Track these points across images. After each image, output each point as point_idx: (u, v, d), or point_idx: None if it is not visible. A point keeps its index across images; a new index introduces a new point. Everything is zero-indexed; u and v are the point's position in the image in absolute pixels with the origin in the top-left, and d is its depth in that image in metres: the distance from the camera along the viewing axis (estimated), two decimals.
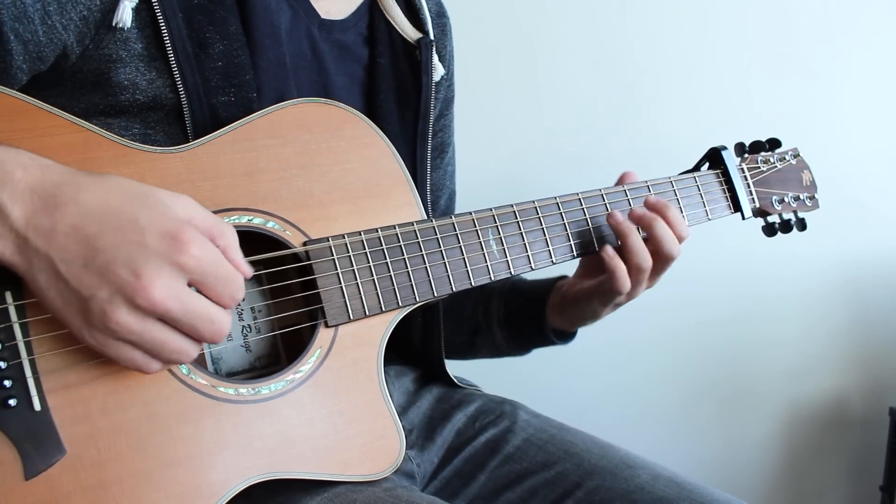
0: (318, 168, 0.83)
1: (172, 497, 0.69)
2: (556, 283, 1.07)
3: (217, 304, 0.65)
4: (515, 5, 1.65)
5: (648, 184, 1.03)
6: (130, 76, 0.79)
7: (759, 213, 1.14)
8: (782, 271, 1.89)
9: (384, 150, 0.88)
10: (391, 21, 1.00)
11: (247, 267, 0.68)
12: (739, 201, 1.09)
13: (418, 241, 0.86)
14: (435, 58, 1.02)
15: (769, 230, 1.15)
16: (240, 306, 0.83)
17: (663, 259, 0.94)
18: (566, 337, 1.08)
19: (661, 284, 1.05)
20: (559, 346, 1.09)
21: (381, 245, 0.84)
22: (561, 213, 0.96)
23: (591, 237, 0.97)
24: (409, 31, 1.00)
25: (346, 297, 0.81)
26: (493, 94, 1.65)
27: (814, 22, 1.81)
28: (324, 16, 0.95)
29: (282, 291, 0.84)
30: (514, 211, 0.92)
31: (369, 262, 0.83)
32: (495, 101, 1.65)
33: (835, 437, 2.05)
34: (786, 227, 1.14)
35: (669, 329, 1.84)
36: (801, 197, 1.16)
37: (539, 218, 0.94)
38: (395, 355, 1.07)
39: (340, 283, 0.81)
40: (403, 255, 0.85)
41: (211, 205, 0.76)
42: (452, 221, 0.88)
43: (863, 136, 1.89)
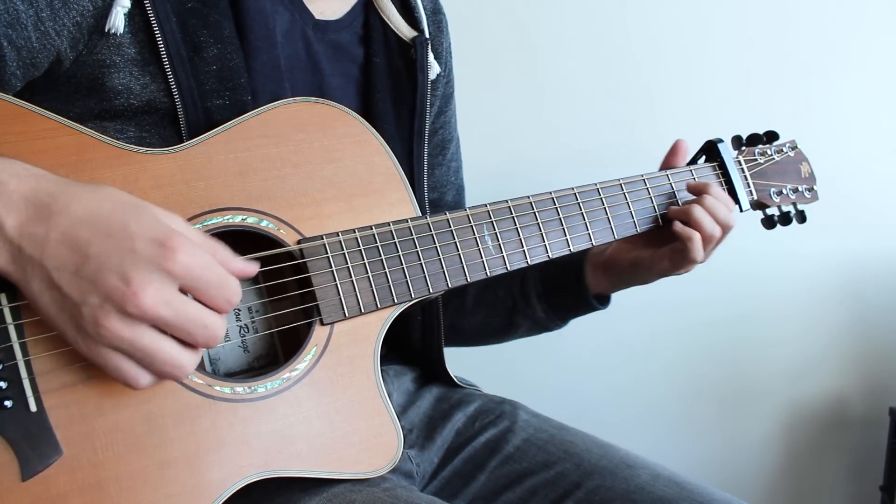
0: (312, 166, 0.83)
1: (170, 496, 0.69)
2: (589, 249, 1.07)
3: (212, 309, 0.65)
4: (514, 1, 1.65)
5: (644, 177, 1.03)
6: (124, 81, 0.79)
7: (757, 205, 1.13)
8: (782, 271, 1.88)
9: (377, 147, 0.88)
10: (386, 20, 1.00)
11: (251, 265, 0.69)
12: (737, 194, 1.08)
13: (413, 238, 0.86)
14: (430, 56, 1.02)
15: (768, 222, 1.15)
16: (237, 306, 0.83)
17: (724, 228, 1.01)
18: (605, 301, 1.11)
19: (662, 284, 1.07)
20: (558, 348, 1.09)
21: (376, 242, 0.84)
22: (556, 209, 0.96)
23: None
24: (405, 30, 1.01)
25: (342, 294, 0.81)
26: (490, 91, 1.65)
27: (814, 19, 1.81)
28: (318, 16, 0.95)
29: (277, 290, 0.83)
30: (509, 206, 0.93)
31: (364, 260, 0.83)
32: (492, 98, 1.65)
33: (835, 437, 2.04)
34: (785, 219, 1.14)
35: (669, 329, 1.84)
36: (800, 189, 1.16)
37: (535, 213, 0.94)
38: (394, 355, 1.07)
39: (335, 280, 0.81)
40: (398, 251, 0.85)
41: (205, 204, 0.76)
42: (447, 218, 0.88)
43: (863, 136, 1.89)
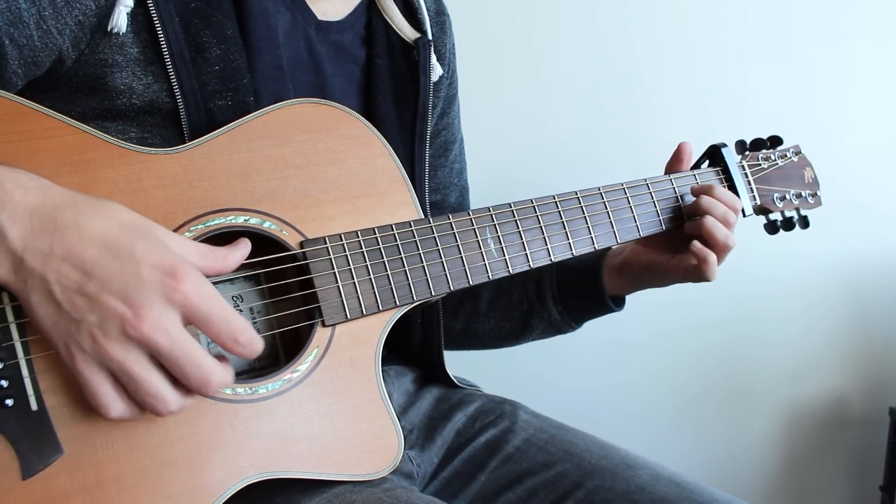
0: (315, 168, 0.83)
1: (170, 497, 0.69)
2: (605, 251, 1.07)
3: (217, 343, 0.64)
4: (516, 2, 1.65)
5: (648, 181, 1.03)
6: (126, 81, 0.79)
7: (761, 210, 1.13)
8: (782, 271, 1.88)
9: (380, 149, 0.88)
10: (389, 21, 1.00)
11: (240, 249, 0.71)
12: (740, 198, 1.08)
13: (415, 241, 0.86)
14: (433, 58, 1.02)
15: (771, 228, 1.15)
16: (238, 307, 0.83)
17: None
18: (621, 303, 1.10)
19: None
20: (558, 348, 1.09)
21: (378, 244, 0.84)
22: (559, 212, 0.95)
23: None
24: (408, 32, 1.00)
25: (343, 296, 0.81)
26: (494, 93, 1.64)
27: (815, 20, 1.80)
28: (320, 17, 0.95)
29: (279, 291, 0.83)
30: (511, 209, 0.92)
31: (366, 262, 0.83)
32: (495, 99, 1.65)
33: (835, 437, 2.04)
34: (788, 224, 1.14)
35: (669, 329, 1.84)
36: (804, 194, 1.16)
37: (537, 216, 0.94)
38: (394, 356, 1.07)
39: (337, 282, 0.81)
40: (401, 254, 0.85)
41: (208, 205, 0.76)
42: (450, 221, 0.88)
43: (863, 136, 1.88)
